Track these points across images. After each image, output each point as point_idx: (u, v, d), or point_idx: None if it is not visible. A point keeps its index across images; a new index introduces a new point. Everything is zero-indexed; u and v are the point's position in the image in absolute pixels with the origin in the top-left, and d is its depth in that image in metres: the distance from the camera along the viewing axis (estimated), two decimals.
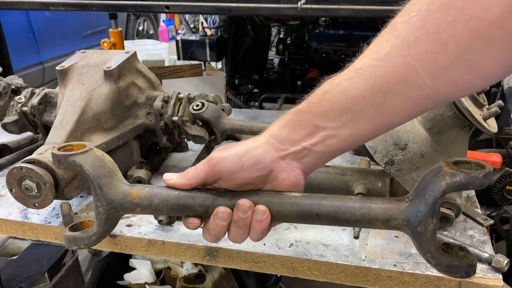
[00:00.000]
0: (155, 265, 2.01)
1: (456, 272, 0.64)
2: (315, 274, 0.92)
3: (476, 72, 0.58)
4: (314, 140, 0.65)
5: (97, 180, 0.67)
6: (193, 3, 1.70)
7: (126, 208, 0.68)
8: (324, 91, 0.65)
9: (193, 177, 0.68)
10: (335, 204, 0.66)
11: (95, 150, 0.69)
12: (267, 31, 3.73)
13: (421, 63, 0.58)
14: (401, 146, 0.94)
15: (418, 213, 0.62)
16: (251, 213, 0.66)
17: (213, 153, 0.68)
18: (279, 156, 0.66)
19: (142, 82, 1.19)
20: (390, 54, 0.59)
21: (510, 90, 1.29)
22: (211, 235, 0.69)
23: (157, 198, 0.68)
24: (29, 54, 4.25)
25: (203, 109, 1.16)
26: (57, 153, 0.67)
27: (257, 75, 3.74)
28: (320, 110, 0.64)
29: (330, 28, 3.23)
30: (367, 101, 0.61)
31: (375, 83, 0.60)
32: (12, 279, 1.54)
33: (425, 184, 0.62)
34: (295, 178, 0.68)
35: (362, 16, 2.62)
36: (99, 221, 0.69)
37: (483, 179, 0.58)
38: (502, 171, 1.65)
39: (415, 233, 0.63)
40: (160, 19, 6.90)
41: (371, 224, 0.65)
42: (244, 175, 0.66)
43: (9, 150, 1.34)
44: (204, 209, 0.68)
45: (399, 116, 0.64)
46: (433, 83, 0.58)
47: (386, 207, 0.64)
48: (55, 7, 1.85)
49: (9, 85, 1.50)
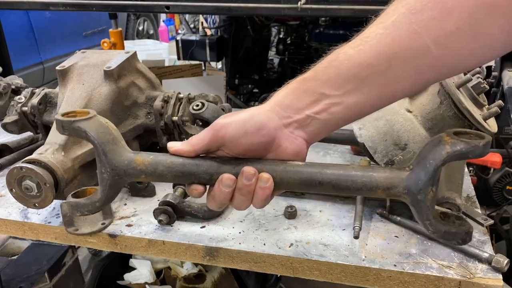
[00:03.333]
0: (155, 265, 2.01)
1: (452, 239, 0.65)
2: (315, 274, 0.92)
3: (479, 40, 0.59)
4: (318, 108, 0.65)
5: (102, 146, 0.67)
6: (193, 3, 1.70)
7: (130, 174, 0.69)
8: (330, 60, 0.65)
9: (196, 143, 0.68)
10: (337, 172, 0.67)
11: (99, 117, 0.69)
12: (267, 31, 3.73)
13: (426, 29, 0.59)
14: (401, 146, 0.94)
15: (418, 181, 0.63)
16: (255, 180, 0.67)
17: (217, 120, 0.68)
18: (283, 123, 0.67)
19: (142, 82, 1.19)
20: (397, 21, 0.61)
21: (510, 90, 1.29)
22: (215, 201, 0.70)
23: (161, 165, 0.68)
24: (29, 54, 4.25)
25: (203, 109, 1.16)
26: (61, 118, 0.67)
27: (257, 75, 3.74)
28: (325, 78, 0.65)
29: (330, 28, 3.23)
30: (372, 68, 0.62)
31: (380, 50, 0.61)
32: (12, 279, 1.54)
33: (425, 153, 0.63)
34: (298, 147, 0.68)
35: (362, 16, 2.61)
36: (103, 188, 0.69)
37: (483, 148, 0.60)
38: (502, 171, 1.65)
39: (415, 201, 0.64)
40: (160, 19, 6.90)
41: (372, 192, 0.66)
42: (247, 141, 0.67)
43: (9, 150, 1.34)
44: (208, 176, 0.68)
45: (403, 85, 0.64)
46: (437, 51, 0.59)
47: (387, 175, 0.65)
48: (55, 7, 1.86)
49: (9, 85, 1.50)
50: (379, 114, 0.97)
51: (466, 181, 1.10)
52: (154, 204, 1.10)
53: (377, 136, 0.96)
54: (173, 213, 1.02)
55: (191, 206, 1.04)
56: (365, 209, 1.04)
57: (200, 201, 1.07)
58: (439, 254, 0.90)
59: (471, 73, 0.93)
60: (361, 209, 1.00)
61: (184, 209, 1.03)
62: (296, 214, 1.05)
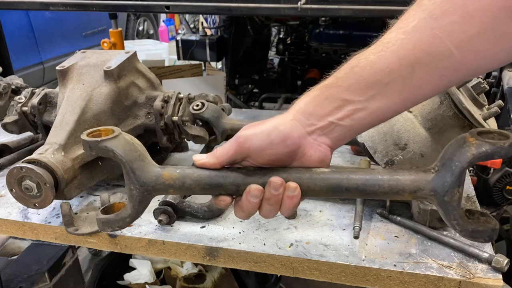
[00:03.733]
0: (155, 265, 2.01)
1: (480, 237, 0.66)
2: (315, 274, 0.92)
3: (501, 43, 0.60)
4: (341, 114, 0.66)
5: (130, 164, 0.68)
6: (193, 3, 1.70)
7: (159, 189, 0.70)
8: (351, 66, 0.66)
9: (221, 155, 0.69)
10: (363, 177, 0.67)
11: (124, 134, 0.70)
12: (267, 31, 3.73)
13: (448, 34, 0.59)
14: (401, 146, 0.94)
15: (444, 183, 0.64)
16: (283, 190, 0.67)
17: (241, 132, 0.69)
18: (306, 132, 0.67)
19: (142, 82, 1.19)
20: (418, 27, 0.61)
21: (510, 90, 1.29)
22: (243, 212, 0.71)
23: (189, 179, 0.69)
24: (29, 54, 4.25)
25: (203, 109, 1.16)
26: (87, 139, 0.68)
27: (257, 75, 3.74)
28: (347, 84, 0.65)
29: (330, 28, 3.23)
30: (395, 73, 0.62)
31: (402, 55, 0.62)
32: (12, 279, 1.54)
33: (450, 155, 0.64)
34: (322, 154, 0.69)
35: (362, 16, 2.62)
36: (133, 204, 0.70)
37: (509, 148, 0.60)
38: (502, 171, 1.65)
39: (441, 202, 0.65)
40: (160, 19, 6.90)
41: (399, 195, 0.67)
42: (272, 151, 0.67)
43: (9, 150, 1.34)
44: (235, 188, 0.69)
45: (426, 88, 0.64)
46: (459, 54, 0.60)
47: (413, 178, 0.66)
48: (55, 7, 1.86)
49: (9, 85, 1.50)
50: None
51: (466, 181, 1.10)
52: (154, 204, 1.10)
53: (377, 136, 0.96)
54: (173, 213, 1.02)
55: (191, 206, 1.04)
56: (365, 209, 1.04)
57: (200, 201, 1.08)
58: (439, 254, 0.90)
59: None
60: (361, 209, 1.00)
61: (184, 209, 1.04)
62: (296, 214, 1.05)
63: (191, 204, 1.05)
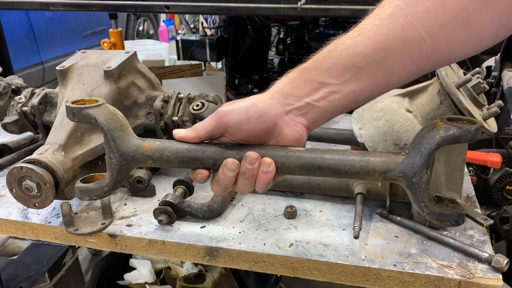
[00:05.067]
0: (155, 265, 2.01)
1: (446, 220, 0.69)
2: (315, 274, 0.92)
3: (471, 32, 0.62)
4: (317, 96, 0.68)
5: (111, 132, 0.70)
6: (193, 3, 1.70)
7: (137, 160, 0.71)
8: (329, 50, 0.69)
9: (201, 129, 0.71)
10: (336, 157, 0.70)
11: (107, 105, 0.72)
12: (267, 31, 3.73)
13: (421, 21, 0.62)
14: (401, 146, 0.94)
15: (413, 165, 0.66)
16: (258, 165, 0.70)
17: (220, 107, 0.71)
18: (284, 111, 0.70)
19: (142, 82, 1.19)
20: (393, 13, 0.64)
21: (510, 90, 1.29)
22: (219, 186, 0.72)
23: (168, 151, 0.71)
24: (29, 54, 4.25)
25: (203, 109, 1.16)
26: (71, 106, 0.69)
27: (257, 75, 3.74)
28: (325, 67, 0.68)
29: (330, 28, 3.23)
30: (369, 58, 0.65)
31: (377, 40, 0.64)
32: (12, 279, 1.54)
33: (420, 138, 0.66)
34: (298, 134, 0.71)
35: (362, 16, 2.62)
36: (111, 172, 0.71)
37: (475, 132, 0.64)
38: (502, 171, 1.65)
39: (410, 184, 0.67)
40: (160, 19, 6.89)
41: (369, 176, 0.69)
42: (250, 127, 0.69)
43: (9, 150, 1.34)
44: (213, 162, 0.71)
45: (399, 74, 0.67)
46: (431, 41, 0.62)
47: (384, 160, 0.68)
48: (55, 7, 1.86)
49: (9, 85, 1.50)
50: (379, 114, 0.97)
51: (466, 181, 1.10)
52: (154, 204, 1.10)
53: (377, 136, 0.96)
54: (173, 213, 1.02)
55: (191, 206, 1.04)
56: (365, 209, 1.04)
57: (200, 201, 1.08)
58: (439, 254, 0.91)
59: (471, 73, 0.93)
60: (361, 209, 1.00)
61: (184, 209, 1.04)
62: (296, 214, 1.05)
63: (191, 204, 1.05)
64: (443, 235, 0.93)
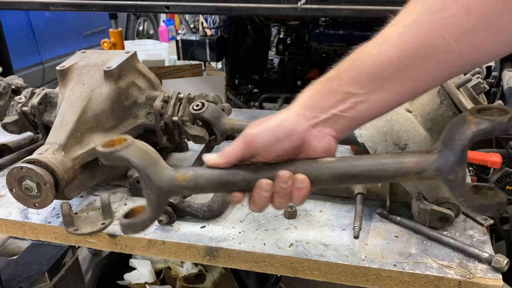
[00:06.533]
0: (155, 265, 2.01)
1: (487, 211, 0.69)
2: (315, 274, 0.92)
3: (497, 36, 0.62)
4: (344, 106, 0.68)
5: (144, 170, 0.70)
6: (193, 3, 1.70)
7: (173, 191, 0.73)
8: (353, 59, 0.67)
9: (231, 154, 0.71)
10: (368, 163, 0.70)
11: (137, 142, 0.73)
12: (267, 31, 3.73)
13: (447, 28, 0.61)
14: (401, 146, 0.94)
15: (447, 162, 0.65)
16: (292, 182, 0.69)
17: (247, 130, 0.71)
18: (310, 124, 0.69)
19: (142, 82, 1.19)
20: (417, 21, 0.63)
21: (510, 90, 1.29)
22: (256, 206, 0.73)
23: (201, 179, 0.72)
24: (29, 54, 4.25)
25: (203, 109, 1.16)
26: (103, 150, 0.70)
27: (257, 75, 3.74)
28: (349, 77, 0.67)
29: (330, 28, 3.23)
30: (395, 66, 0.64)
31: (402, 48, 0.63)
32: (12, 279, 1.54)
33: (451, 134, 0.65)
34: (327, 145, 0.71)
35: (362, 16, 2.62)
36: (151, 207, 0.73)
37: (508, 123, 0.61)
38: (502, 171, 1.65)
39: (447, 181, 0.67)
40: (160, 19, 6.89)
41: (404, 178, 0.69)
42: (279, 147, 0.69)
43: (9, 150, 1.34)
44: (246, 184, 0.72)
45: (425, 81, 0.66)
46: (457, 48, 0.62)
47: (417, 160, 0.68)
48: (55, 7, 1.86)
49: (9, 85, 1.50)
50: None
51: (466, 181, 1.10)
52: None
53: (377, 136, 0.96)
54: (173, 213, 1.02)
55: (191, 206, 1.04)
56: (365, 209, 1.04)
57: (200, 201, 1.08)
58: (439, 254, 0.91)
59: (471, 73, 0.93)
60: (361, 209, 1.00)
61: (184, 209, 1.04)
62: (296, 214, 1.05)
63: (191, 204, 1.05)
64: (443, 235, 0.93)
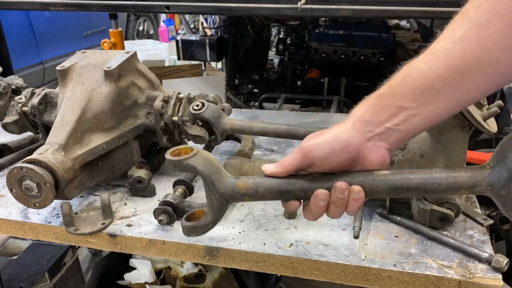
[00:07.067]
0: (155, 265, 2.01)
1: None
2: (315, 274, 0.92)
3: None
4: (397, 120, 0.71)
5: (209, 177, 0.76)
6: (193, 3, 1.70)
7: (235, 198, 0.77)
8: (404, 75, 0.71)
9: (288, 165, 0.75)
10: (423, 177, 0.72)
11: (202, 151, 0.78)
12: (267, 31, 3.73)
13: (495, 42, 0.64)
14: (401, 146, 0.94)
15: (500, 178, 0.68)
16: (348, 193, 0.73)
17: (304, 142, 0.75)
18: (365, 138, 0.72)
19: (142, 82, 1.19)
20: (465, 36, 0.66)
21: (510, 90, 1.29)
22: (312, 214, 0.77)
23: (261, 187, 0.76)
24: (29, 54, 4.25)
25: (203, 109, 1.16)
26: (172, 158, 0.76)
27: (257, 75, 3.74)
28: (402, 92, 0.70)
29: (330, 28, 3.23)
30: (445, 80, 0.67)
31: (452, 63, 0.66)
32: (12, 279, 1.54)
33: (505, 151, 0.69)
34: (382, 157, 0.74)
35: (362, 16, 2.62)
36: (213, 211, 0.78)
37: None
38: None
39: (498, 196, 0.70)
40: (160, 19, 6.90)
41: (456, 192, 0.72)
42: (335, 159, 0.73)
43: (9, 150, 1.34)
44: (303, 193, 0.75)
45: (476, 92, 0.69)
46: (506, 60, 0.64)
47: (470, 175, 0.71)
48: (55, 7, 1.86)
49: (9, 85, 1.50)
50: None
51: None
52: (154, 204, 1.10)
53: None
54: (173, 213, 1.02)
55: (191, 206, 1.04)
56: (365, 209, 1.04)
57: (200, 201, 1.08)
58: (439, 254, 0.91)
59: None
60: (361, 209, 1.00)
61: (184, 209, 1.04)
62: (296, 214, 1.05)
63: (191, 204, 1.05)
64: (443, 235, 0.93)
